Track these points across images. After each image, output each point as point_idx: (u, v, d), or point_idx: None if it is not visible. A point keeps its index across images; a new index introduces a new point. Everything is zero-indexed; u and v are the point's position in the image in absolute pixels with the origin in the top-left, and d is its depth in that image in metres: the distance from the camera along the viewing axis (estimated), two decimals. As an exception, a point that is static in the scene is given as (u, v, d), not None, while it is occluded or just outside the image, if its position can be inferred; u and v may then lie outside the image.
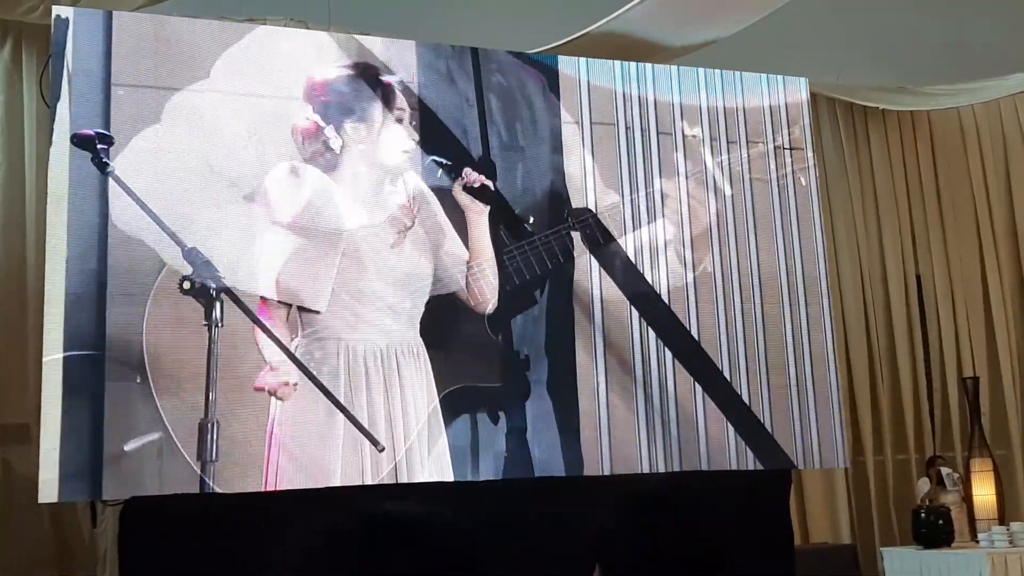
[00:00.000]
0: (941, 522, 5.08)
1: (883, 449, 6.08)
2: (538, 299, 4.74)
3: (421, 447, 4.43)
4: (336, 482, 4.22)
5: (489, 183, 4.73)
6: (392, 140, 4.62)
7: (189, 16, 4.50)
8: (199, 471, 4.05)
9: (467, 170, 4.72)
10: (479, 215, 4.71)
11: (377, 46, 4.73)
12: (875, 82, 6.38)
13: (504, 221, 4.77)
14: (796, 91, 5.43)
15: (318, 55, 4.63)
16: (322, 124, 4.53)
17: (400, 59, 4.75)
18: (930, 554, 4.98)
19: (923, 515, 5.14)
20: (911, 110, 6.43)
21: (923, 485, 5.43)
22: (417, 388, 4.47)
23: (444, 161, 4.71)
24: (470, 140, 4.79)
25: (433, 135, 4.72)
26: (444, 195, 4.68)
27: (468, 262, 4.65)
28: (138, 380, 4.10)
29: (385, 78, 4.68)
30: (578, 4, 5.40)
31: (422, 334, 4.52)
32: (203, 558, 3.83)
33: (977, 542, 5.11)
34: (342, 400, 4.31)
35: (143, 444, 4.07)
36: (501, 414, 4.58)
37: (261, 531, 3.60)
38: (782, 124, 5.35)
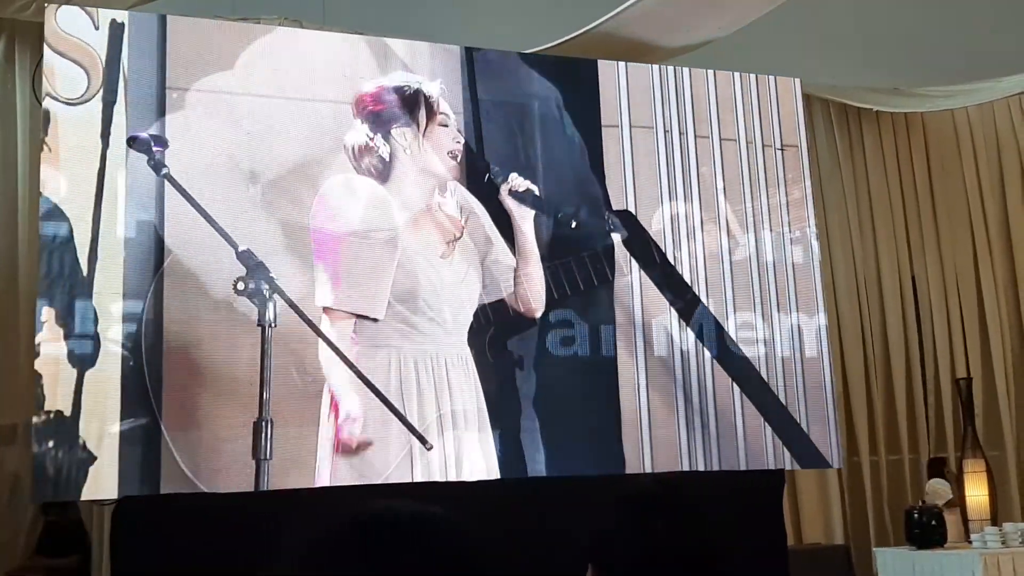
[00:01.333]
0: (934, 523, 5.08)
1: (877, 450, 6.09)
2: (530, 301, 4.76)
3: (472, 451, 4.49)
4: (388, 480, 4.29)
5: (534, 187, 4.75)
6: (438, 144, 4.64)
7: (182, 15, 4.51)
8: (254, 469, 4.10)
9: (513, 175, 4.73)
10: (524, 220, 4.73)
11: (420, 49, 4.78)
12: (869, 83, 6.39)
13: (549, 225, 4.81)
14: (790, 92, 5.44)
15: (356, 60, 4.68)
16: (371, 135, 4.55)
17: (440, 64, 4.80)
18: (923, 555, 4.98)
19: (916, 516, 5.13)
20: (905, 112, 6.44)
21: (940, 487, 5.39)
22: (467, 395, 4.51)
23: (492, 166, 4.74)
24: (471, 138, 4.80)
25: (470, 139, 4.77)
26: (490, 202, 4.71)
27: (515, 269, 4.68)
28: (190, 378, 4.17)
29: (427, 85, 4.71)
30: (573, 4, 5.40)
31: (470, 343, 4.56)
32: (196, 557, 3.82)
33: (970, 543, 5.11)
34: (394, 404, 4.35)
35: (194, 441, 4.13)
36: (496, 417, 4.60)
37: (254, 531, 3.59)
38: (776, 125, 5.36)
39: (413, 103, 4.65)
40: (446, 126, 4.67)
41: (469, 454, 4.49)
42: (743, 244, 5.17)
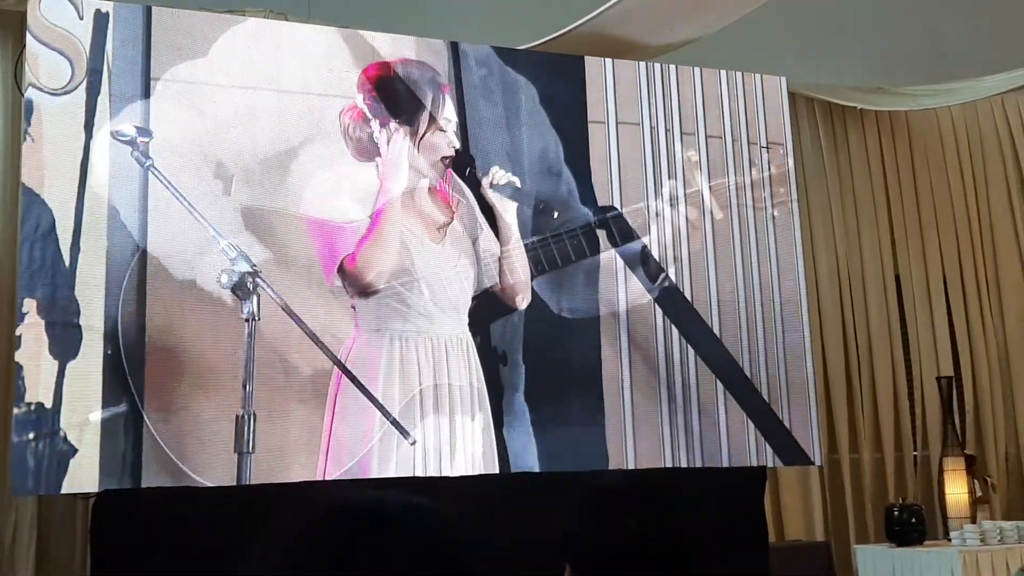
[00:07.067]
0: (914, 520, 5.10)
1: (858, 447, 6.11)
2: (519, 305, 4.77)
3: (463, 442, 4.52)
4: (390, 472, 4.31)
5: (515, 180, 4.76)
6: (433, 147, 4.67)
7: (167, 6, 4.50)
8: (236, 462, 4.11)
9: (494, 168, 4.75)
10: (507, 212, 4.75)
11: (405, 44, 4.80)
12: (854, 82, 6.41)
13: (532, 216, 4.82)
14: (775, 90, 5.45)
15: (341, 54, 4.67)
16: (369, 116, 4.57)
17: (426, 58, 4.81)
18: (903, 552, 5.01)
19: (896, 513, 5.16)
20: (889, 110, 6.46)
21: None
22: (464, 380, 4.54)
23: (474, 160, 4.75)
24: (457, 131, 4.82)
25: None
26: (475, 192, 4.73)
27: (500, 258, 4.70)
28: (173, 370, 4.16)
29: (436, 87, 4.74)
30: (560, 2, 5.40)
31: (470, 327, 4.60)
32: (177, 551, 3.80)
33: (949, 540, 5.14)
34: (397, 391, 4.40)
35: (176, 434, 4.12)
36: (479, 411, 4.61)
37: (236, 524, 3.57)
38: (761, 123, 5.37)
39: (418, 104, 4.68)
40: (444, 131, 4.69)
41: (461, 444, 4.50)
42: (727, 240, 5.19)
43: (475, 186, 4.74)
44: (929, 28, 6.47)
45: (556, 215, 4.85)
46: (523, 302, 4.73)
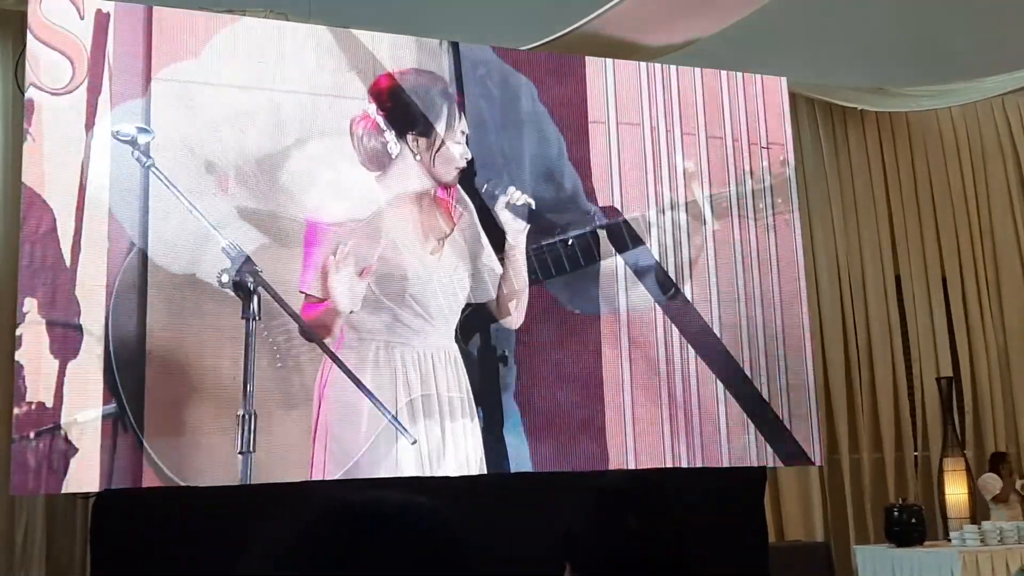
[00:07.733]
0: (914, 520, 5.11)
1: (858, 447, 6.12)
2: (511, 311, 4.77)
3: (457, 445, 4.52)
4: (379, 474, 4.30)
5: (531, 201, 4.75)
6: (448, 157, 4.66)
7: (170, 7, 4.50)
8: (238, 461, 4.11)
9: (511, 188, 4.74)
10: (519, 233, 4.75)
11: (406, 44, 4.79)
12: (854, 82, 6.42)
13: (541, 235, 4.83)
14: (775, 90, 5.45)
15: (342, 54, 4.68)
16: (383, 127, 4.57)
17: (426, 59, 4.80)
18: (903, 552, 5.02)
19: (896, 513, 5.17)
20: (890, 111, 6.47)
21: (990, 482, 5.45)
22: (452, 390, 4.54)
23: (489, 178, 4.75)
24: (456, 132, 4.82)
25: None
26: (484, 210, 4.73)
27: (501, 279, 4.69)
28: (173, 370, 4.16)
29: (452, 99, 4.74)
30: (561, 3, 5.40)
31: (456, 339, 4.60)
32: (177, 551, 3.80)
33: (949, 540, 5.14)
34: (382, 398, 4.39)
35: (181, 435, 4.12)
36: (480, 411, 4.61)
37: (237, 524, 3.57)
38: (761, 123, 5.37)
39: (434, 117, 4.68)
40: (459, 143, 4.69)
41: (454, 448, 4.50)
42: (727, 240, 5.19)
43: (487, 202, 4.73)
44: (929, 29, 6.48)
45: (571, 241, 4.86)
46: (516, 325, 4.72)
